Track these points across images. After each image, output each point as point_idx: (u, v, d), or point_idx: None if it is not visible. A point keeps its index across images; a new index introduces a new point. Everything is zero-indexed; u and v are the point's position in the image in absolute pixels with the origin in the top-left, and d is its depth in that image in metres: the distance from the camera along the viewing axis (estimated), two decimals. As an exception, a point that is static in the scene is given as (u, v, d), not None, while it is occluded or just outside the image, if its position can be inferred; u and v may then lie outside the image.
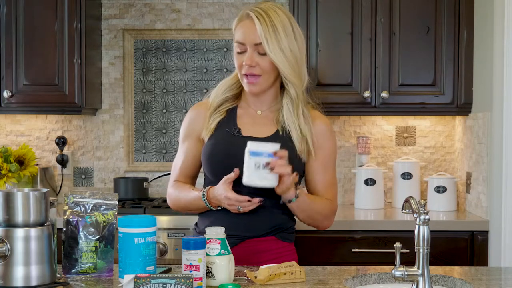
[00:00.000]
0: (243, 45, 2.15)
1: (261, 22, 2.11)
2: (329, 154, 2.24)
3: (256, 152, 1.98)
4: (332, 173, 2.26)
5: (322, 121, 2.25)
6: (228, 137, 2.19)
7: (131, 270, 1.82)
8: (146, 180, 3.75)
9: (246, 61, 2.13)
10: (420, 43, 3.48)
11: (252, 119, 2.24)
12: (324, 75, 3.50)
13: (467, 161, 3.56)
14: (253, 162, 1.98)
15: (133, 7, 3.88)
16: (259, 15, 2.12)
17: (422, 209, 1.74)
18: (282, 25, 2.13)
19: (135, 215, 1.94)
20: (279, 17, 2.13)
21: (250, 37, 2.13)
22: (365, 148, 3.75)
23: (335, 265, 2.16)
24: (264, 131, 2.20)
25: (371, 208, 3.61)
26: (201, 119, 2.26)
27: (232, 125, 2.22)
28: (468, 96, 3.48)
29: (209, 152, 2.20)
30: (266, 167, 1.99)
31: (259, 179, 1.98)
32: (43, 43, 3.53)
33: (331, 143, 2.25)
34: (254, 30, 2.12)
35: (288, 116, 2.19)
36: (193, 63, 3.88)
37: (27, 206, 1.78)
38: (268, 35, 2.11)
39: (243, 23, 2.16)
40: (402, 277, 1.73)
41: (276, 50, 2.11)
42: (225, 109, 2.25)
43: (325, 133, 2.24)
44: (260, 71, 2.15)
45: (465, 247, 3.23)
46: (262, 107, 2.25)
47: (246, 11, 2.16)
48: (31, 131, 3.88)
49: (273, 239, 2.19)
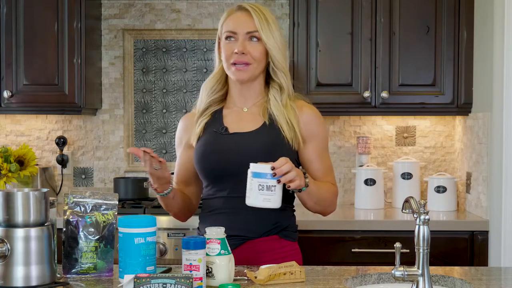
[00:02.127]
0: (234, 34, 2.19)
1: (256, 12, 2.19)
2: (322, 141, 2.26)
3: (259, 174, 1.98)
4: (327, 158, 2.29)
5: (310, 110, 2.27)
6: (216, 137, 2.21)
7: (131, 270, 1.83)
8: (146, 180, 3.71)
9: (238, 48, 2.17)
10: (420, 43, 3.48)
11: (238, 116, 2.25)
12: (324, 75, 3.50)
13: (467, 161, 3.56)
14: (257, 184, 1.98)
15: (133, 7, 3.88)
16: (252, 8, 2.21)
17: (422, 209, 1.74)
18: (272, 20, 2.22)
19: (135, 215, 1.95)
20: (269, 13, 2.23)
21: (243, 25, 2.18)
22: (365, 148, 3.75)
23: (335, 265, 2.16)
24: (250, 125, 2.22)
25: (371, 208, 3.61)
26: (190, 127, 2.30)
27: (219, 125, 2.24)
28: (468, 96, 3.48)
29: (200, 153, 2.22)
30: (269, 189, 1.99)
31: (263, 201, 1.97)
32: (43, 43, 3.53)
33: (322, 131, 2.27)
34: (247, 19, 2.19)
35: (276, 106, 2.21)
36: (193, 63, 3.88)
37: (27, 206, 1.78)
38: (262, 24, 2.18)
39: (235, 14, 2.22)
40: (402, 277, 1.73)
41: (270, 37, 2.19)
42: (210, 112, 2.27)
43: (314, 120, 2.25)
44: (250, 59, 2.18)
45: (465, 247, 3.23)
46: (247, 104, 2.26)
47: (236, 6, 2.24)
48: (31, 131, 3.88)
49: (275, 238, 2.19)
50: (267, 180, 1.97)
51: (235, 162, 2.15)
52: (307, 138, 2.22)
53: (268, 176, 1.97)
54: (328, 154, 2.30)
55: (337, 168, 3.84)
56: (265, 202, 1.98)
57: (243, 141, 2.19)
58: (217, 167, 2.18)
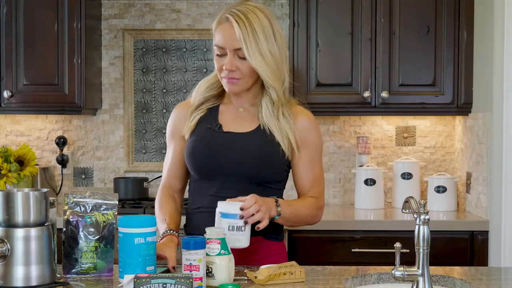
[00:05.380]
0: (223, 49, 2.12)
1: (240, 27, 2.07)
2: (315, 149, 2.22)
3: (228, 214, 1.97)
4: (319, 168, 2.24)
5: (305, 116, 2.22)
6: (209, 133, 2.19)
7: (131, 270, 1.82)
8: (146, 180, 3.75)
9: (226, 66, 2.11)
10: (420, 43, 3.48)
11: (234, 115, 2.23)
12: (324, 75, 3.50)
13: (467, 161, 3.56)
14: (227, 224, 1.97)
15: (133, 7, 3.88)
16: (239, 19, 2.08)
17: (422, 209, 1.74)
18: (261, 28, 2.10)
19: (135, 215, 1.94)
20: (258, 20, 2.10)
21: (230, 42, 2.10)
22: (365, 148, 3.75)
23: (335, 265, 2.15)
24: (245, 126, 2.20)
25: (371, 208, 3.61)
26: (184, 118, 2.26)
27: (213, 121, 2.21)
28: (468, 96, 3.48)
29: (191, 149, 2.20)
30: (239, 230, 1.97)
31: (233, 241, 1.96)
32: (43, 43, 3.53)
33: (315, 138, 2.22)
34: (233, 34, 2.09)
35: (268, 117, 2.17)
36: (193, 63, 3.88)
37: (27, 206, 1.78)
38: (248, 39, 2.07)
39: (222, 26, 2.12)
40: (402, 277, 1.73)
41: (256, 56, 2.09)
42: (206, 108, 2.24)
43: (308, 128, 2.21)
44: (240, 75, 2.13)
45: (465, 247, 3.23)
46: (244, 104, 2.24)
47: (225, 13, 2.12)
48: (31, 131, 3.88)
49: (259, 239, 2.17)
50: (236, 221, 1.96)
51: (226, 161, 2.14)
52: (299, 145, 2.19)
53: (237, 217, 1.96)
54: (320, 164, 2.25)
55: (337, 168, 3.84)
56: (236, 243, 1.96)
57: (236, 141, 2.17)
58: (207, 164, 2.16)
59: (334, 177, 3.83)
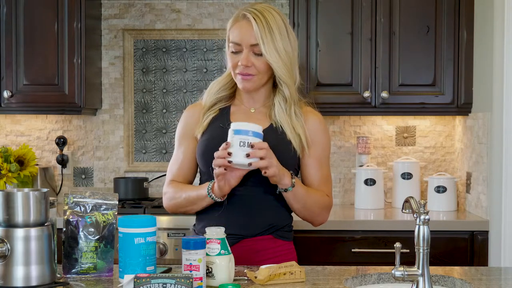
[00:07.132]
0: (239, 45, 2.16)
1: (257, 23, 2.13)
2: (323, 149, 2.25)
3: (240, 131, 2.00)
4: (327, 168, 2.27)
5: (315, 116, 2.26)
6: (221, 131, 2.19)
7: (131, 270, 1.83)
8: (146, 180, 3.75)
9: (242, 61, 2.15)
10: (420, 43, 3.48)
11: (245, 115, 2.25)
12: (324, 75, 3.50)
13: (467, 161, 3.56)
14: (238, 141, 1.99)
15: (133, 7, 3.88)
16: (256, 16, 2.14)
17: (422, 209, 1.74)
18: (277, 27, 2.15)
19: (135, 215, 1.94)
20: (274, 19, 2.16)
21: (247, 38, 2.14)
22: (365, 148, 3.75)
23: (335, 265, 2.16)
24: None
25: (371, 208, 3.61)
26: (196, 118, 2.28)
27: (225, 120, 2.23)
28: (468, 96, 3.48)
29: (204, 147, 2.21)
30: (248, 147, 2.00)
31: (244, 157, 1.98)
32: (43, 43, 3.53)
33: (324, 138, 2.26)
34: (250, 31, 2.14)
35: (280, 114, 2.20)
36: (193, 63, 3.88)
37: (27, 206, 1.78)
38: (264, 36, 2.13)
39: (239, 23, 2.17)
40: (402, 277, 1.73)
41: (272, 51, 2.13)
42: (218, 108, 2.27)
43: (319, 128, 2.25)
44: (255, 71, 2.16)
45: (465, 247, 3.23)
46: (255, 105, 2.26)
47: (242, 11, 2.17)
48: (31, 131, 3.88)
49: (270, 238, 2.19)
50: (247, 137, 1.99)
51: None
52: (309, 144, 2.21)
53: (248, 134, 1.98)
54: (328, 165, 2.28)
55: (337, 168, 3.84)
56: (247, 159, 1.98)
57: None
58: None
59: (334, 177, 3.83)
